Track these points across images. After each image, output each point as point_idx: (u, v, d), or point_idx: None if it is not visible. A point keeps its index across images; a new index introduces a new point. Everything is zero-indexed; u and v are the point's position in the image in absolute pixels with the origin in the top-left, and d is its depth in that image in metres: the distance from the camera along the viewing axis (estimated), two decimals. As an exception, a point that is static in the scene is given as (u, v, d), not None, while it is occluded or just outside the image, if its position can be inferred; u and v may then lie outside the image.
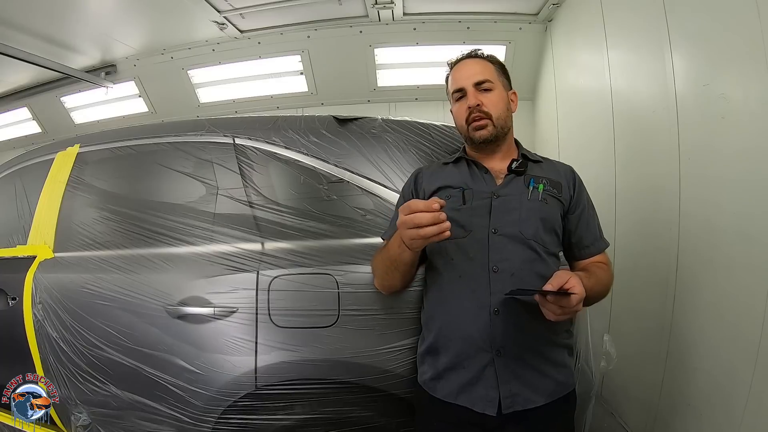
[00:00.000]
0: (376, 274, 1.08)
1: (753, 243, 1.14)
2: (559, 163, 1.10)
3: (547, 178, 1.02)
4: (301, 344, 1.13)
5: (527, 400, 0.91)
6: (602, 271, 1.01)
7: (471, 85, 1.04)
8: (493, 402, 0.90)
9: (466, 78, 1.05)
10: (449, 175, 1.05)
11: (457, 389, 0.94)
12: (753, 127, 1.13)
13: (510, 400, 0.90)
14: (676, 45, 1.44)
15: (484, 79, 1.04)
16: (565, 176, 1.06)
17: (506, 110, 1.06)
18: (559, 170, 1.07)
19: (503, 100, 1.06)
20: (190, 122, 1.44)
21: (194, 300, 1.18)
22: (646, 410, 1.65)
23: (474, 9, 2.68)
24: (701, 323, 1.36)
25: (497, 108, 1.03)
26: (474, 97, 1.03)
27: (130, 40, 2.93)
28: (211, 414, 1.15)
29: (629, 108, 1.82)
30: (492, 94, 1.04)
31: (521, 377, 0.91)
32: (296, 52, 3.00)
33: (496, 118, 1.03)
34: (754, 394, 1.14)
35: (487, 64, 1.07)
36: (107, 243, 1.34)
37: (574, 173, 1.08)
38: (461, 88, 1.05)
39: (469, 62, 1.07)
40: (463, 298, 0.95)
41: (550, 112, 2.83)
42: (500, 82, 1.07)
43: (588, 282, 0.89)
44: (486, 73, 1.05)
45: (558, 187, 1.02)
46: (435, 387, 0.97)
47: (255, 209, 1.24)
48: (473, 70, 1.05)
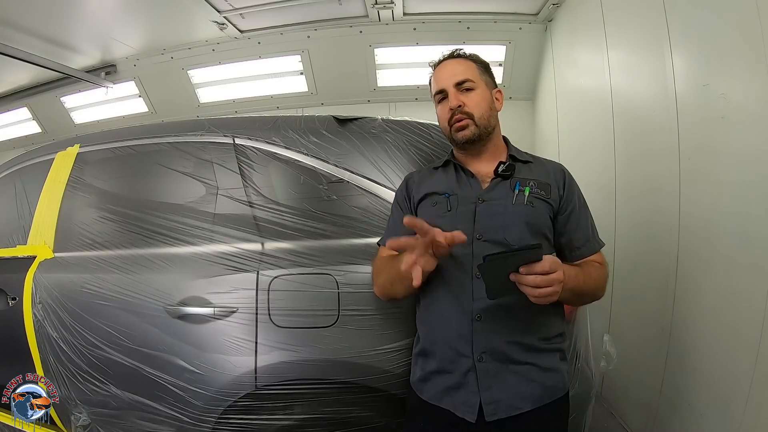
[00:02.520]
0: (377, 282, 1.05)
1: (753, 243, 1.14)
2: (550, 162, 1.07)
3: (535, 179, 0.99)
4: (301, 344, 1.13)
5: (511, 406, 0.89)
6: (594, 268, 0.97)
7: (452, 85, 1.01)
8: (473, 408, 0.89)
9: (447, 78, 1.02)
10: (437, 181, 1.04)
11: (442, 392, 0.94)
12: (753, 127, 1.13)
13: (493, 407, 0.88)
14: (676, 45, 1.44)
15: (464, 79, 1.01)
16: (555, 176, 1.02)
17: (489, 109, 1.03)
18: (548, 170, 1.03)
19: (486, 100, 1.03)
20: (190, 122, 1.44)
21: (194, 300, 1.18)
22: (646, 410, 1.65)
23: (474, 9, 2.69)
24: (701, 323, 1.36)
25: (479, 108, 1.01)
26: (455, 98, 1.00)
27: (130, 40, 2.93)
28: (211, 414, 1.14)
29: (629, 108, 1.82)
30: (474, 94, 1.01)
31: (504, 383, 0.90)
32: (296, 52, 3.00)
33: (478, 117, 1.00)
34: (753, 394, 1.14)
35: (469, 63, 1.05)
36: (107, 243, 1.34)
37: (564, 172, 1.04)
38: (442, 89, 1.03)
39: (450, 63, 1.05)
40: (447, 303, 0.94)
41: (550, 112, 2.83)
42: (482, 81, 1.04)
43: (572, 271, 0.88)
44: (467, 73, 1.02)
45: (546, 189, 0.99)
46: (422, 388, 0.98)
47: (255, 209, 1.24)
48: (454, 71, 1.03)
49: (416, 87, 3.06)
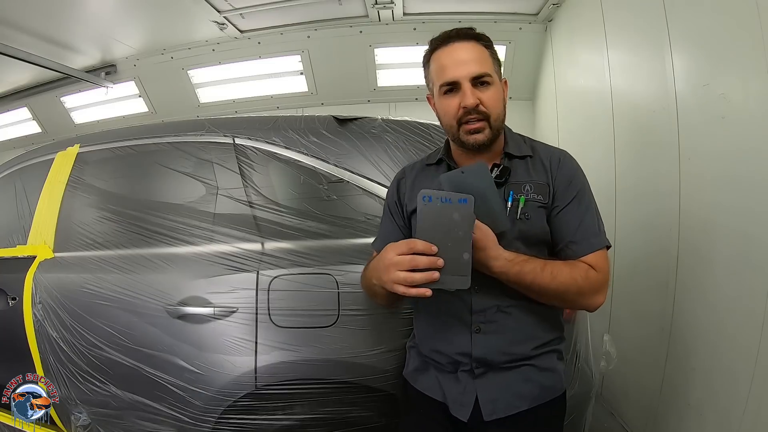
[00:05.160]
0: (364, 290, 1.00)
1: (753, 243, 1.14)
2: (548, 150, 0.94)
3: (531, 182, 0.88)
4: (301, 344, 1.13)
5: (509, 405, 0.86)
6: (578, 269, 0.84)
7: (468, 79, 0.85)
8: (466, 407, 0.87)
9: (461, 68, 0.85)
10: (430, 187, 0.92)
11: (437, 385, 0.92)
12: (753, 127, 1.13)
13: (491, 406, 0.86)
14: (676, 45, 1.44)
15: (483, 73, 0.86)
16: (550, 171, 0.90)
17: (503, 108, 0.90)
18: (545, 165, 0.91)
19: (501, 97, 0.89)
20: (190, 122, 1.44)
21: (194, 300, 1.18)
22: (646, 410, 1.65)
23: (474, 9, 2.69)
24: (701, 323, 1.36)
25: (496, 108, 0.87)
26: (472, 95, 0.85)
27: (130, 40, 2.93)
28: (211, 414, 1.15)
29: (629, 108, 1.82)
30: (491, 91, 0.86)
31: (501, 383, 0.87)
32: (296, 52, 3.00)
33: (494, 119, 0.87)
34: (753, 394, 1.14)
35: (483, 50, 0.88)
36: (107, 243, 1.34)
37: (561, 163, 0.91)
38: (454, 81, 0.86)
39: (463, 47, 0.87)
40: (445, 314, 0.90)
41: (550, 113, 2.83)
42: (496, 73, 0.89)
43: (520, 261, 0.81)
44: (484, 64, 0.87)
45: (543, 191, 0.88)
46: (417, 378, 0.96)
47: (255, 209, 1.24)
48: (469, 58, 0.86)
49: (416, 87, 3.06)
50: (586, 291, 0.84)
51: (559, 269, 0.83)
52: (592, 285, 0.85)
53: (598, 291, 0.86)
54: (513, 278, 0.82)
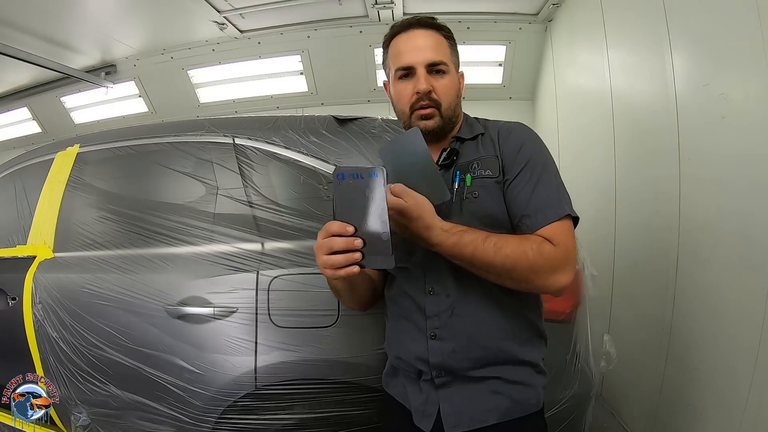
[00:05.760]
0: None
1: (753, 243, 1.14)
2: (498, 125, 0.91)
3: (479, 158, 0.86)
4: (301, 344, 1.13)
5: (473, 419, 0.80)
6: (524, 240, 0.76)
7: (423, 66, 0.85)
8: (429, 418, 0.82)
9: (417, 54, 0.86)
10: None
11: (404, 392, 0.89)
12: (753, 127, 1.13)
13: (454, 419, 0.81)
14: (676, 45, 1.44)
15: (439, 61, 0.86)
16: (498, 143, 0.87)
17: (456, 98, 0.89)
18: (493, 139, 0.88)
19: (455, 87, 0.89)
20: (190, 122, 1.44)
21: (194, 300, 1.18)
22: (646, 410, 1.65)
23: (474, 9, 2.69)
24: (701, 323, 1.36)
25: (448, 96, 0.87)
26: (425, 81, 0.85)
27: (130, 40, 2.93)
28: (211, 414, 1.15)
29: (629, 108, 1.82)
30: (445, 79, 0.87)
31: (465, 395, 0.82)
32: (296, 52, 3.00)
33: (445, 108, 0.87)
34: (754, 394, 1.14)
35: (441, 40, 0.88)
36: (107, 243, 1.34)
37: (509, 132, 0.88)
38: (410, 66, 0.86)
39: (421, 34, 0.87)
40: (403, 319, 0.88)
41: (550, 113, 2.83)
42: (452, 63, 0.89)
43: (469, 236, 0.74)
44: (441, 53, 0.87)
45: (492, 166, 0.84)
46: (389, 383, 0.94)
47: (255, 209, 1.24)
48: (426, 45, 0.86)
49: (416, 87, 3.06)
50: (540, 268, 0.74)
51: (505, 241, 0.75)
52: (548, 260, 0.75)
53: (558, 268, 0.75)
54: (451, 250, 0.75)
